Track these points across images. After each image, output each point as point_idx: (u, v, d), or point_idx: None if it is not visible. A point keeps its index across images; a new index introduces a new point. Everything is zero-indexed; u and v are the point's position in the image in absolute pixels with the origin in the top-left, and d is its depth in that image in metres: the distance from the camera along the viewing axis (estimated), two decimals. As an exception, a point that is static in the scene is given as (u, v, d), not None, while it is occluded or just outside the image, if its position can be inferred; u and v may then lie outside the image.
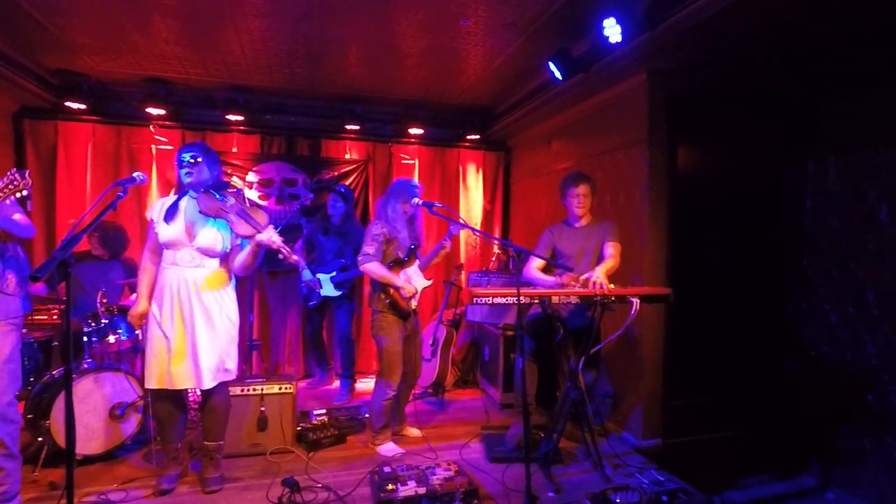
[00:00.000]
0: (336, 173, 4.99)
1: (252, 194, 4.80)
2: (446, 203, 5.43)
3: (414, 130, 5.03)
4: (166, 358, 2.49)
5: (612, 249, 3.05)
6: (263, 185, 4.83)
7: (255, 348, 4.40)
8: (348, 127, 4.92)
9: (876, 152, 3.12)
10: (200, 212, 2.52)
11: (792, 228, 3.66)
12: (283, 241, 2.48)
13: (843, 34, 2.84)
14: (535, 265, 3.18)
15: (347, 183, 4.99)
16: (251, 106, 4.66)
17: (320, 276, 4.30)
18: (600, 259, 3.08)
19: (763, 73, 3.39)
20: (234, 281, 2.71)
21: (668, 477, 2.84)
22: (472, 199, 5.57)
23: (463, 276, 5.08)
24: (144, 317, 2.58)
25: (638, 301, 2.70)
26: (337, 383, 4.55)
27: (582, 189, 3.14)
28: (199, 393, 2.84)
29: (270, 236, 2.44)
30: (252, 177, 4.80)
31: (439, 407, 4.16)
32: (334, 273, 4.26)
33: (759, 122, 3.76)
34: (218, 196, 2.55)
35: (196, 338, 2.51)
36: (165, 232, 2.51)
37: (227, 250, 2.61)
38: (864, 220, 3.18)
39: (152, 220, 2.57)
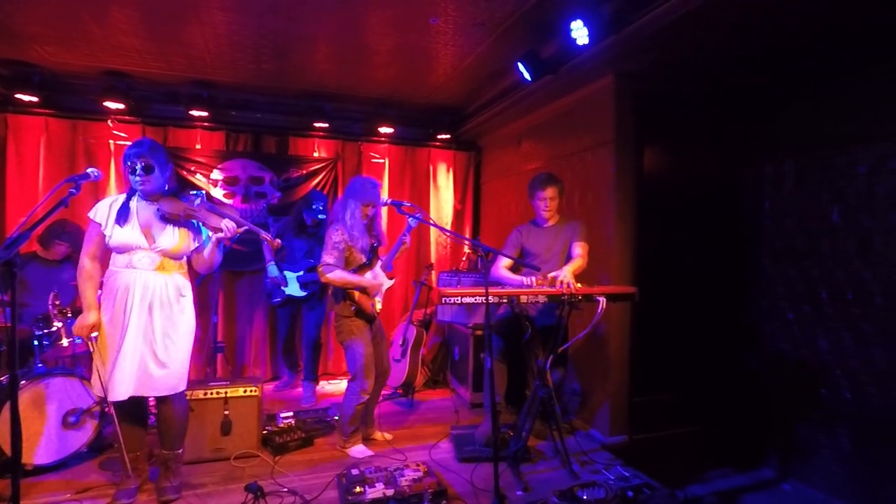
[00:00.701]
0: (304, 171, 4.90)
1: (217, 192, 4.67)
2: (416, 202, 5.42)
3: (384, 129, 4.98)
4: (125, 366, 2.36)
5: (579, 249, 3.09)
6: (229, 182, 4.71)
7: (219, 350, 4.29)
8: (317, 125, 4.84)
9: (828, 155, 3.25)
10: (164, 218, 2.42)
11: (752, 229, 3.77)
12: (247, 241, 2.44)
13: (801, 40, 2.94)
14: (503, 264, 3.19)
15: (315, 182, 4.91)
16: (216, 102, 4.54)
17: (287, 273, 4.21)
18: (568, 258, 3.12)
19: (727, 77, 3.48)
20: (189, 286, 2.62)
21: (633, 473, 2.89)
22: (443, 199, 5.56)
23: (434, 276, 5.07)
24: (96, 328, 2.40)
25: (604, 300, 2.74)
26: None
27: (549, 192, 3.16)
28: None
29: (229, 225, 2.40)
30: (217, 174, 4.68)
31: (409, 408, 4.13)
32: (302, 272, 4.18)
33: (723, 124, 3.87)
34: (181, 198, 2.46)
35: (154, 343, 2.42)
36: (120, 235, 2.37)
37: (190, 251, 2.53)
38: (818, 221, 3.31)
39: (97, 222, 2.39)
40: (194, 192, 2.52)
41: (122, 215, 2.39)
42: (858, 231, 3.09)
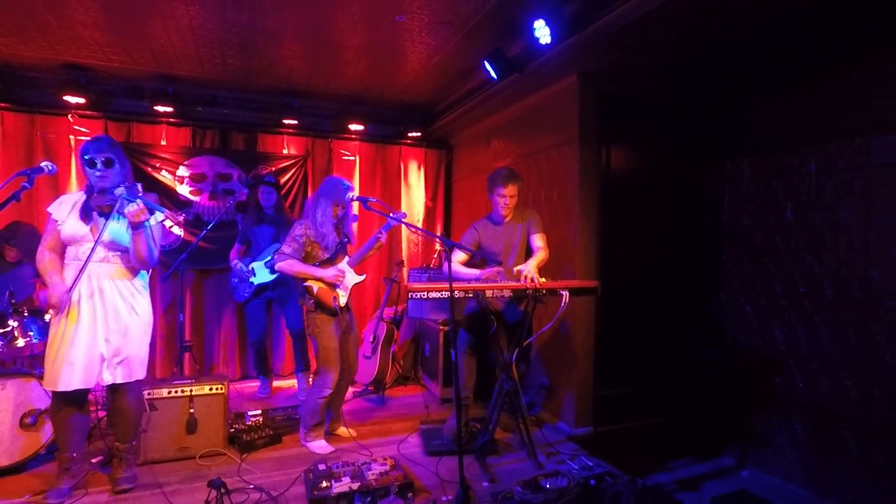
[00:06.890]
0: (273, 168, 4.85)
1: (183, 189, 4.60)
2: (387, 200, 5.43)
3: (354, 126, 4.97)
4: (75, 357, 2.38)
5: (540, 242, 3.16)
6: (195, 179, 4.63)
7: (187, 350, 4.21)
8: (286, 121, 4.80)
9: (781, 155, 3.38)
10: (92, 210, 2.45)
11: (712, 225, 3.89)
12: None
13: (754, 40, 3.05)
14: (457, 259, 3.20)
15: (285, 179, 4.87)
16: (182, 97, 4.47)
17: (255, 264, 4.14)
18: (529, 252, 3.17)
19: (686, 76, 3.58)
20: (144, 277, 2.64)
21: (597, 462, 2.96)
22: (414, 197, 5.58)
23: (405, 273, 5.08)
24: (69, 292, 2.38)
25: (567, 293, 2.80)
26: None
27: (510, 189, 3.17)
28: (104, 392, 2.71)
29: (131, 209, 2.33)
30: (183, 171, 4.60)
31: (379, 404, 4.14)
32: (270, 258, 4.10)
33: (685, 122, 3.97)
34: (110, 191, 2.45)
35: (108, 332, 2.44)
36: (69, 227, 2.44)
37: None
38: (774, 217, 3.43)
39: (54, 218, 2.47)
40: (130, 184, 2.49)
41: (84, 213, 2.44)
42: (809, 227, 3.22)
